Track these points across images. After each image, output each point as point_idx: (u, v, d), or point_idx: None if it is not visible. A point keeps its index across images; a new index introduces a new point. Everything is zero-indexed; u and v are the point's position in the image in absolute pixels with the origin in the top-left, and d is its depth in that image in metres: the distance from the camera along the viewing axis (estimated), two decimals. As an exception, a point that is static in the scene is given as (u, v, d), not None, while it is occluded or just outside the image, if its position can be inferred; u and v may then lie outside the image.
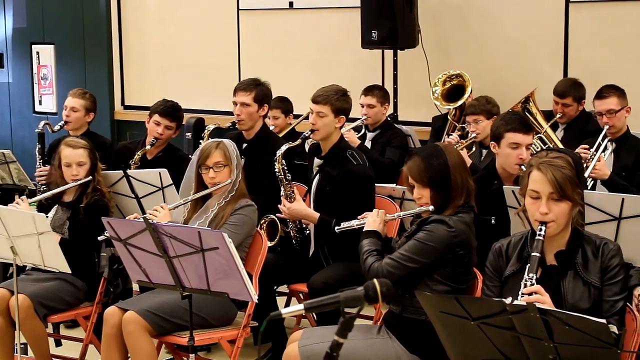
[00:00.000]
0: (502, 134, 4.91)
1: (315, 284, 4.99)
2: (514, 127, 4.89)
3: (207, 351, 5.70)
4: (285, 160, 5.38)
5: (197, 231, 4.03)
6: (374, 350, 4.02)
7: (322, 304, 2.65)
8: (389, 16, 7.46)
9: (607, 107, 5.77)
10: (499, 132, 4.94)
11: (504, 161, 4.95)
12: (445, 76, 7.22)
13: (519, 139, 4.87)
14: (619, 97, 5.79)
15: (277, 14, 8.94)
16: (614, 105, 5.76)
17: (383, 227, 4.29)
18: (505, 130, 4.90)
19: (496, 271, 3.65)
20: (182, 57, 9.56)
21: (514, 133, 4.88)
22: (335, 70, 8.37)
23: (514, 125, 4.90)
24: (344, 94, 5.33)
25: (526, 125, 4.98)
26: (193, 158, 5.09)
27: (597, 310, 3.40)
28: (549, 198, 3.43)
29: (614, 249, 3.48)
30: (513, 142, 4.88)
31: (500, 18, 7.80)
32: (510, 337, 3.01)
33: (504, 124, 4.94)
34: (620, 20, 7.31)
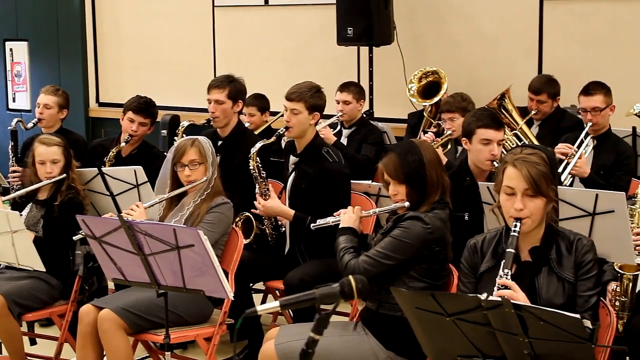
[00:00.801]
0: (474, 130, 4.92)
1: (291, 281, 4.98)
2: (485, 123, 4.91)
3: (183, 349, 5.68)
4: (261, 157, 5.37)
5: (173, 229, 4.02)
6: (350, 346, 4.03)
7: (297, 300, 2.65)
8: (364, 13, 7.47)
9: (592, 104, 5.77)
10: (470, 129, 4.95)
11: (475, 157, 4.96)
12: (421, 73, 7.23)
13: (490, 135, 4.88)
14: (605, 95, 5.80)
15: (252, 11, 8.93)
16: (600, 103, 5.77)
17: (359, 224, 4.29)
18: (477, 127, 4.91)
19: (471, 267, 3.66)
20: (157, 54, 9.53)
21: (485, 129, 4.89)
22: (310, 67, 8.37)
23: (485, 121, 4.91)
24: (318, 90, 5.32)
25: (497, 121, 4.99)
26: (168, 155, 5.07)
27: (571, 306, 3.42)
28: (523, 194, 3.45)
29: (587, 244, 3.50)
30: (484, 138, 4.89)
31: (476, 15, 7.83)
32: (485, 332, 3.03)
33: (475, 120, 4.95)
34: (594, 18, 7.36)
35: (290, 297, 2.67)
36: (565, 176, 5.47)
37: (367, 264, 4.00)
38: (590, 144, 5.77)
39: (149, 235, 4.06)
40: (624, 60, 7.23)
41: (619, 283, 4.58)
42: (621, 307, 4.55)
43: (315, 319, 2.60)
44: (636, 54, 7.20)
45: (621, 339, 4.40)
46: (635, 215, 4.68)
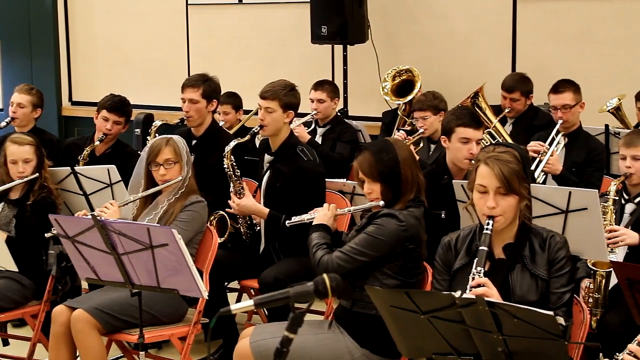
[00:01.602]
0: (453, 128, 4.93)
1: (266, 280, 4.98)
2: (464, 122, 4.92)
3: (158, 348, 5.66)
4: (235, 156, 5.36)
5: (146, 228, 4.00)
6: (325, 345, 4.03)
7: (272, 299, 2.64)
8: (338, 11, 7.47)
9: (562, 102, 5.81)
10: (449, 127, 4.96)
11: (454, 156, 4.98)
12: (395, 71, 7.24)
13: (469, 134, 4.90)
14: (575, 93, 5.85)
15: (226, 9, 8.91)
16: (569, 100, 5.81)
17: (333, 222, 4.29)
18: (456, 125, 4.93)
19: (445, 265, 3.67)
20: (130, 52, 9.48)
21: (465, 128, 4.90)
22: (285, 66, 8.36)
23: (465, 120, 4.93)
24: (292, 88, 5.31)
25: (477, 120, 5.01)
26: (142, 154, 5.05)
27: (544, 303, 3.44)
28: (496, 192, 3.46)
29: (560, 241, 3.52)
30: (463, 137, 4.90)
31: (449, 14, 7.85)
32: (459, 330, 3.03)
33: (455, 119, 4.96)
34: (567, 16, 7.40)
35: (264, 296, 2.67)
36: (538, 173, 5.50)
37: (341, 260, 4.00)
38: (561, 141, 5.80)
39: (122, 234, 4.04)
40: (596, 58, 7.28)
41: (592, 280, 4.61)
42: (594, 304, 4.59)
43: (289, 318, 2.60)
44: (608, 51, 7.25)
45: (594, 336, 4.43)
46: (608, 213, 4.71)
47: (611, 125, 6.45)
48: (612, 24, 7.23)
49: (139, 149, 6.54)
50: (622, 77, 7.13)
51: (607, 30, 7.25)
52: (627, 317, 3.95)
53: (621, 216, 4.82)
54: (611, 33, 7.23)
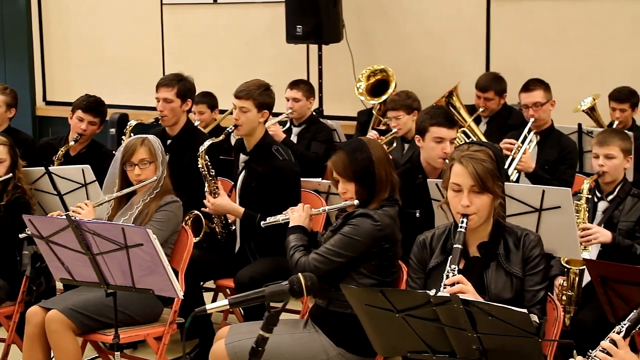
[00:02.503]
0: (427, 128, 4.95)
1: (241, 279, 4.97)
2: (438, 121, 4.94)
3: (134, 348, 5.64)
4: (210, 156, 5.35)
5: (121, 227, 3.99)
6: (301, 344, 4.03)
7: (247, 299, 2.65)
8: (313, 11, 7.48)
9: (533, 100, 5.86)
10: (423, 126, 4.98)
11: (428, 155, 4.99)
12: (370, 71, 7.27)
13: (443, 134, 4.91)
14: (545, 91, 5.90)
15: (200, 9, 8.90)
16: (540, 98, 5.86)
17: (309, 222, 4.30)
18: (430, 125, 4.94)
19: (420, 263, 3.68)
20: (105, 51, 9.45)
21: (439, 127, 4.92)
22: (260, 65, 8.36)
23: (439, 119, 4.94)
24: (267, 88, 5.30)
25: (450, 119, 5.03)
26: (117, 154, 5.02)
27: (519, 300, 3.46)
28: (470, 191, 3.48)
29: (534, 239, 3.55)
30: (437, 136, 4.92)
31: (424, 13, 7.89)
32: (434, 328, 3.05)
33: (429, 118, 4.98)
34: (540, 16, 7.45)
35: (239, 295, 2.68)
36: (511, 172, 5.53)
37: (317, 262, 4.01)
38: (533, 139, 5.85)
39: (97, 234, 4.02)
40: (570, 58, 7.34)
41: (566, 278, 4.65)
42: (568, 301, 4.63)
43: (264, 317, 2.61)
44: (581, 51, 7.30)
45: (568, 333, 4.47)
46: (581, 211, 4.75)
47: (584, 125, 6.51)
48: (586, 24, 7.28)
49: (113, 148, 6.52)
50: (596, 77, 7.19)
51: (581, 31, 7.30)
52: (600, 315, 3.98)
53: (594, 214, 4.86)
54: (585, 33, 7.29)
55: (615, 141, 4.85)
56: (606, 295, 3.76)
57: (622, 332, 2.99)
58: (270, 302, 2.63)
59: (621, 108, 6.56)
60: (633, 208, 4.79)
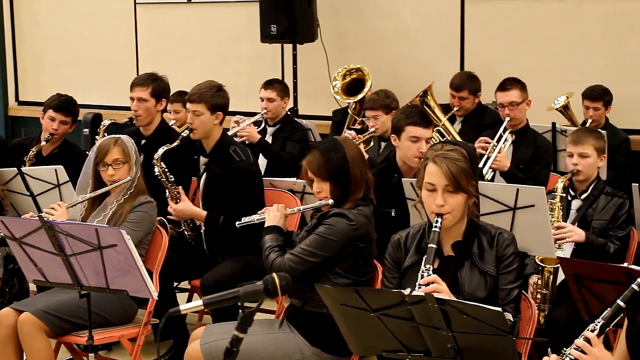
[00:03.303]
0: (403, 127, 4.96)
1: (206, 283, 4.93)
2: (414, 120, 4.94)
3: (108, 350, 5.60)
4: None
5: (95, 228, 3.97)
6: (276, 344, 4.03)
7: (221, 299, 2.63)
8: (287, 10, 7.47)
9: (509, 99, 5.89)
10: (399, 126, 4.99)
11: (404, 154, 5.00)
12: (345, 70, 7.26)
13: (419, 133, 4.92)
14: (521, 90, 5.93)
15: (174, 8, 8.86)
16: (516, 97, 5.89)
17: (284, 222, 4.29)
18: (406, 124, 4.95)
19: (395, 263, 3.68)
20: (78, 51, 9.39)
21: (414, 127, 4.93)
22: (234, 65, 8.34)
23: (414, 119, 4.95)
24: (219, 89, 5.24)
25: (426, 119, 5.03)
26: (90, 154, 4.99)
27: (493, 299, 3.47)
28: (444, 190, 3.48)
29: (508, 238, 3.56)
30: (413, 136, 4.93)
31: (399, 12, 7.89)
32: (409, 327, 3.05)
33: (405, 118, 4.98)
34: (514, 15, 7.48)
35: (214, 295, 2.66)
36: (486, 170, 5.55)
37: (292, 262, 4.01)
38: (509, 138, 5.87)
39: (70, 235, 4.00)
40: (544, 57, 7.37)
41: (540, 276, 4.67)
42: (542, 300, 4.65)
43: (239, 317, 2.59)
44: (555, 50, 7.34)
45: (543, 331, 4.49)
46: (555, 210, 4.77)
47: (558, 123, 6.53)
48: (560, 24, 7.32)
49: (87, 149, 6.47)
50: (570, 75, 7.23)
51: (555, 30, 7.34)
52: (574, 312, 4.00)
53: (568, 212, 4.89)
54: (559, 32, 7.32)
55: (589, 140, 4.87)
56: (580, 293, 3.78)
57: (596, 330, 2.99)
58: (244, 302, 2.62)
59: (594, 107, 6.60)
60: (606, 206, 4.82)
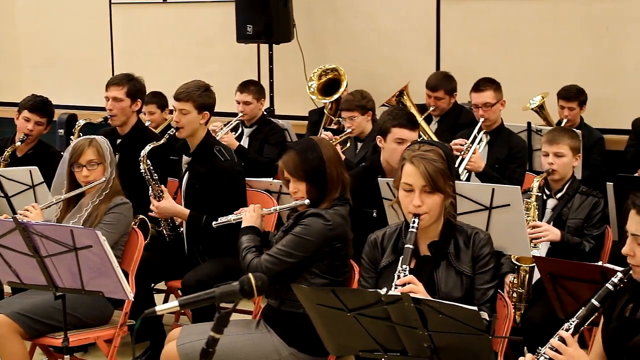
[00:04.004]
0: (389, 129, 4.96)
1: (188, 282, 4.93)
2: (400, 122, 4.95)
3: (84, 352, 5.58)
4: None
5: (70, 229, 3.95)
6: (253, 344, 4.03)
7: (197, 300, 2.62)
8: (263, 10, 7.47)
9: (483, 100, 5.88)
10: (385, 127, 4.99)
11: (389, 156, 5.00)
12: (321, 70, 7.26)
13: (405, 135, 4.92)
14: (495, 91, 5.92)
15: (150, 8, 8.83)
16: (490, 98, 5.88)
17: (261, 222, 4.29)
18: (392, 126, 4.95)
19: (372, 262, 3.69)
20: (53, 51, 9.34)
21: (400, 129, 4.93)
22: (210, 65, 8.33)
23: (401, 120, 4.96)
24: (207, 89, 5.25)
25: (412, 121, 5.04)
26: (65, 155, 4.97)
27: (469, 299, 3.48)
28: (422, 191, 3.49)
29: (484, 238, 3.57)
30: (399, 138, 4.93)
31: (375, 12, 7.91)
32: (386, 327, 3.05)
33: (391, 119, 4.99)
34: (490, 16, 7.51)
35: (189, 296, 2.65)
36: (461, 171, 5.57)
37: (269, 263, 4.00)
38: (484, 139, 5.89)
39: (45, 236, 3.97)
40: (519, 57, 7.41)
41: (516, 275, 4.69)
42: (518, 299, 4.67)
43: (215, 318, 2.59)
44: (530, 50, 7.38)
45: (519, 330, 4.51)
46: (531, 209, 4.79)
47: (534, 123, 6.57)
48: (535, 24, 7.36)
49: (62, 149, 6.44)
50: (545, 75, 7.27)
51: (530, 30, 7.37)
52: (550, 311, 4.02)
53: (543, 212, 4.91)
54: (534, 32, 7.36)
55: (565, 140, 4.90)
56: (555, 292, 3.80)
57: (570, 330, 3.01)
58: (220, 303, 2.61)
59: (569, 106, 6.64)
60: (581, 205, 4.84)
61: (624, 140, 6.72)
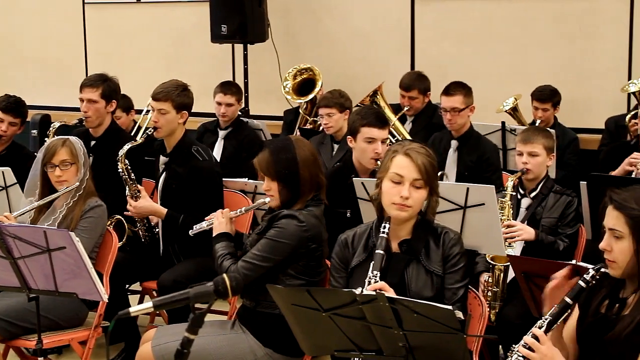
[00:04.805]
0: (358, 128, 4.96)
1: (164, 283, 4.92)
2: (369, 121, 4.95)
3: (59, 354, 5.55)
4: (134, 157, 5.28)
5: (43, 231, 3.94)
6: (228, 345, 4.01)
7: (171, 300, 2.62)
8: (238, 10, 7.46)
9: (451, 104, 5.80)
10: (355, 127, 4.99)
11: (360, 155, 5.00)
12: (296, 70, 7.27)
13: (374, 134, 4.93)
14: (465, 96, 5.83)
15: (124, 8, 8.80)
16: (459, 103, 5.80)
17: (231, 226, 4.27)
18: (361, 125, 4.95)
19: (342, 262, 3.69)
20: (26, 51, 9.29)
21: (370, 128, 4.93)
22: (185, 65, 8.31)
23: (370, 119, 4.96)
24: (185, 89, 5.24)
25: (382, 120, 5.03)
26: (38, 156, 4.94)
27: (439, 298, 3.49)
28: (412, 184, 3.50)
29: (454, 238, 3.58)
30: (369, 137, 4.93)
31: (349, 12, 7.92)
32: (361, 326, 3.05)
33: (360, 119, 4.99)
34: (464, 16, 7.54)
35: (164, 297, 2.64)
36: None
37: (246, 269, 3.98)
38: (452, 144, 5.81)
39: (18, 238, 3.95)
40: (493, 57, 7.44)
41: (491, 274, 4.71)
42: (493, 297, 4.68)
43: (189, 319, 2.58)
44: (505, 50, 7.41)
45: (494, 328, 4.53)
46: (505, 208, 4.81)
47: (507, 123, 6.59)
48: (509, 24, 7.39)
49: (36, 150, 6.39)
50: (519, 75, 7.31)
51: (504, 30, 7.41)
52: (525, 310, 4.04)
53: (517, 211, 4.92)
54: (508, 33, 7.39)
55: (539, 139, 4.91)
56: (530, 290, 3.81)
57: (543, 327, 3.03)
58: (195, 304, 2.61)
59: (544, 107, 6.66)
60: (555, 204, 4.87)
61: (597, 139, 6.77)
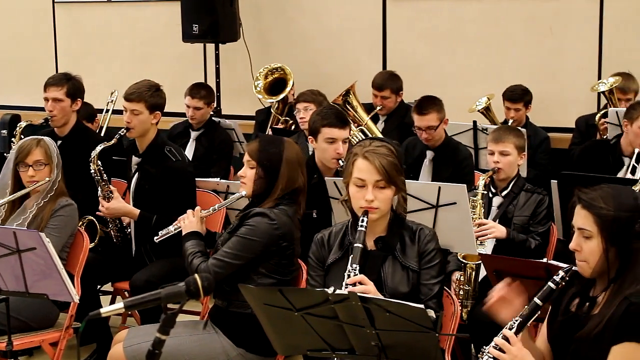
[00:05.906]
0: (319, 128, 4.95)
1: (137, 283, 4.90)
2: (329, 122, 4.94)
3: (29, 355, 5.50)
4: (103, 158, 5.25)
5: (13, 231, 3.91)
6: (201, 345, 4.01)
7: (143, 301, 2.60)
8: (209, 9, 7.45)
9: (426, 123, 5.70)
10: (315, 127, 4.98)
11: (321, 155, 5.00)
12: (267, 69, 7.26)
13: (335, 134, 4.92)
14: (438, 112, 5.73)
15: (94, 7, 8.75)
16: (434, 121, 5.70)
17: (202, 225, 4.27)
18: (321, 126, 4.95)
19: (319, 261, 3.70)
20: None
21: (330, 128, 4.92)
22: (156, 65, 8.27)
23: (330, 120, 4.95)
24: (157, 89, 5.22)
25: (342, 119, 5.01)
26: (10, 155, 4.90)
27: (415, 294, 3.51)
28: (374, 186, 3.50)
29: (429, 234, 3.60)
30: (329, 137, 4.92)
31: (321, 11, 7.92)
32: (333, 326, 3.05)
33: (320, 119, 4.98)
34: (435, 15, 7.56)
35: (135, 297, 2.63)
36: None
37: (216, 267, 3.98)
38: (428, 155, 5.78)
39: (-13, 239, 3.92)
40: (466, 56, 7.46)
41: (463, 272, 4.72)
42: (465, 296, 4.70)
43: (161, 319, 2.57)
44: (476, 49, 7.44)
45: (465, 327, 4.54)
46: (477, 207, 4.83)
47: (479, 122, 6.61)
48: (482, 24, 7.42)
49: (4, 150, 6.36)
50: (490, 74, 7.34)
51: (477, 30, 7.43)
52: (497, 308, 4.05)
53: (489, 209, 4.95)
54: (481, 32, 7.42)
55: (510, 138, 4.94)
56: (502, 288, 3.82)
57: (514, 328, 3.04)
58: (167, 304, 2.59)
59: (515, 108, 6.68)
60: (527, 203, 4.89)
61: (568, 138, 6.81)
